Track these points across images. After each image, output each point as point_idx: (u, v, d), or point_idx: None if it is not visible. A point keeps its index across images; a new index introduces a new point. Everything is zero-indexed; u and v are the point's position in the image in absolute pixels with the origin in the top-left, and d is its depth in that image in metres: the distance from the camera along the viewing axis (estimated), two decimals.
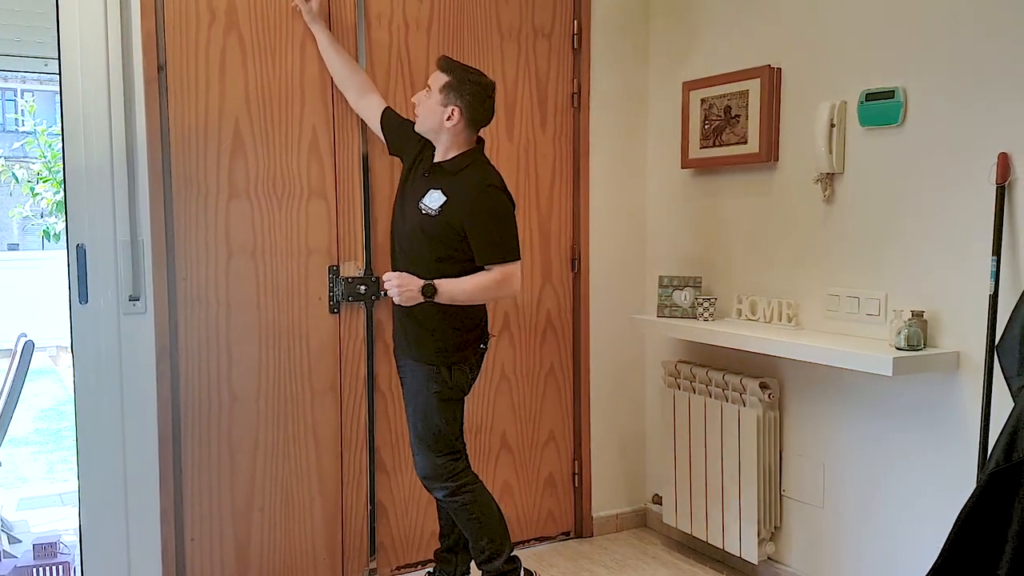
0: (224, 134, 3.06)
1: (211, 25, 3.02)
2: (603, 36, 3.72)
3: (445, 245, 2.82)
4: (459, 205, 2.80)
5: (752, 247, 3.34)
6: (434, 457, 2.93)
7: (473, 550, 3.02)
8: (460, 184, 2.83)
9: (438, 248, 2.83)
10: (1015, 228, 2.49)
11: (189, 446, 3.07)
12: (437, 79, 2.85)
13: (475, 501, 2.95)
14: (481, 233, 2.81)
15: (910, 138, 2.76)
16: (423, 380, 2.90)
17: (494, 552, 2.97)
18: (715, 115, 3.40)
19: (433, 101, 2.84)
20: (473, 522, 2.96)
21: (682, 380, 3.52)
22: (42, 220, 12.73)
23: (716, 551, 3.50)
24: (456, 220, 2.80)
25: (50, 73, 4.21)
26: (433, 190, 2.85)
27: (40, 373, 9.48)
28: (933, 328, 2.70)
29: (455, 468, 2.94)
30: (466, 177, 2.85)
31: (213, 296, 3.07)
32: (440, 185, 2.85)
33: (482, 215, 2.81)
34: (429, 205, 2.83)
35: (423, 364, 2.90)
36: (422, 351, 2.90)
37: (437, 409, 2.90)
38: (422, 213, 2.84)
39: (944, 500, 2.68)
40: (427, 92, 2.87)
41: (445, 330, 2.88)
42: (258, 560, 3.20)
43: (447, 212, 2.81)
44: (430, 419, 2.91)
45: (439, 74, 2.85)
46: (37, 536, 3.51)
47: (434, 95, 2.84)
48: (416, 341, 2.91)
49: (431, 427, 2.91)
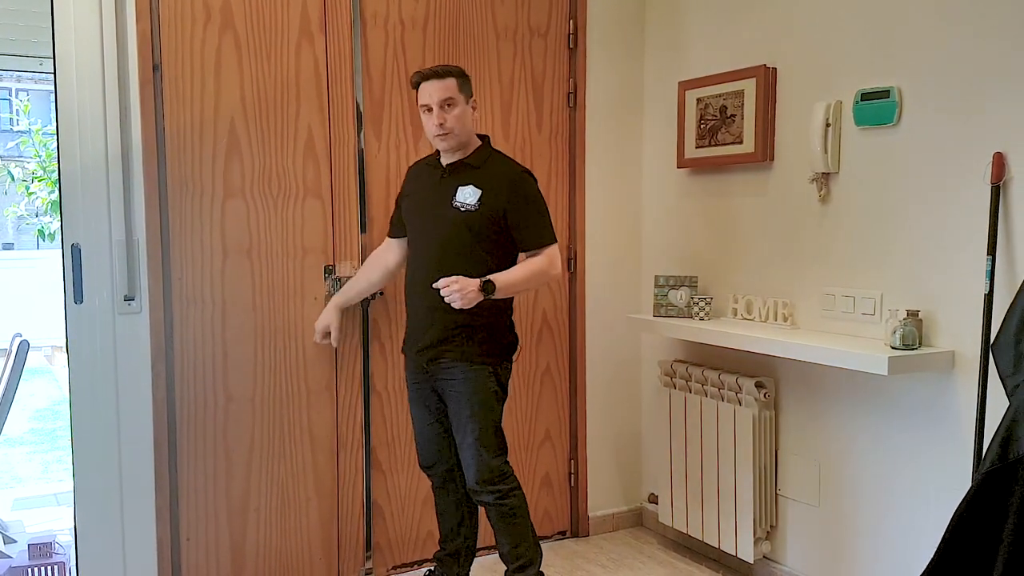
0: (219, 134, 3.06)
1: (206, 24, 3.01)
2: (599, 36, 3.72)
3: (490, 239, 2.81)
4: (496, 195, 2.81)
5: (748, 247, 3.35)
6: (491, 459, 2.87)
7: (508, 556, 2.95)
8: (489, 175, 2.84)
9: (485, 242, 2.81)
10: (1010, 227, 2.50)
11: (185, 446, 3.07)
12: (444, 89, 2.78)
13: (520, 505, 2.92)
14: (525, 219, 2.83)
15: (905, 138, 2.76)
16: (481, 381, 2.85)
17: (528, 561, 2.93)
18: (711, 115, 3.40)
19: (461, 110, 2.81)
20: (517, 527, 2.92)
21: (678, 379, 3.52)
22: (37, 219, 12.71)
23: (712, 550, 3.50)
24: (498, 209, 2.80)
25: (45, 72, 4.20)
26: (463, 187, 2.83)
27: (35, 373, 9.46)
28: (928, 327, 2.71)
29: (507, 470, 2.91)
30: (493, 168, 2.87)
31: (208, 296, 3.07)
32: (469, 180, 2.84)
33: (523, 201, 2.83)
34: (465, 201, 2.81)
35: (478, 365, 2.84)
36: (477, 351, 2.84)
37: (494, 409, 2.88)
38: (461, 211, 2.81)
39: (939, 499, 2.68)
40: (444, 108, 2.79)
41: (499, 327, 2.88)
42: (254, 560, 3.20)
43: (487, 203, 2.80)
44: (488, 420, 2.86)
45: (441, 83, 2.78)
46: (32, 536, 3.50)
47: (459, 104, 2.80)
48: (468, 342, 2.83)
49: (490, 427, 2.87)
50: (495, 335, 2.88)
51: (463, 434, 2.88)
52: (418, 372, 2.97)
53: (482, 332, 2.84)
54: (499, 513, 2.91)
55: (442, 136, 2.82)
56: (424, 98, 2.82)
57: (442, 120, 2.79)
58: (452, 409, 2.90)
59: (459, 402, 2.87)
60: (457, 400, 2.87)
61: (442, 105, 2.79)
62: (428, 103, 2.81)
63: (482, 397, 2.85)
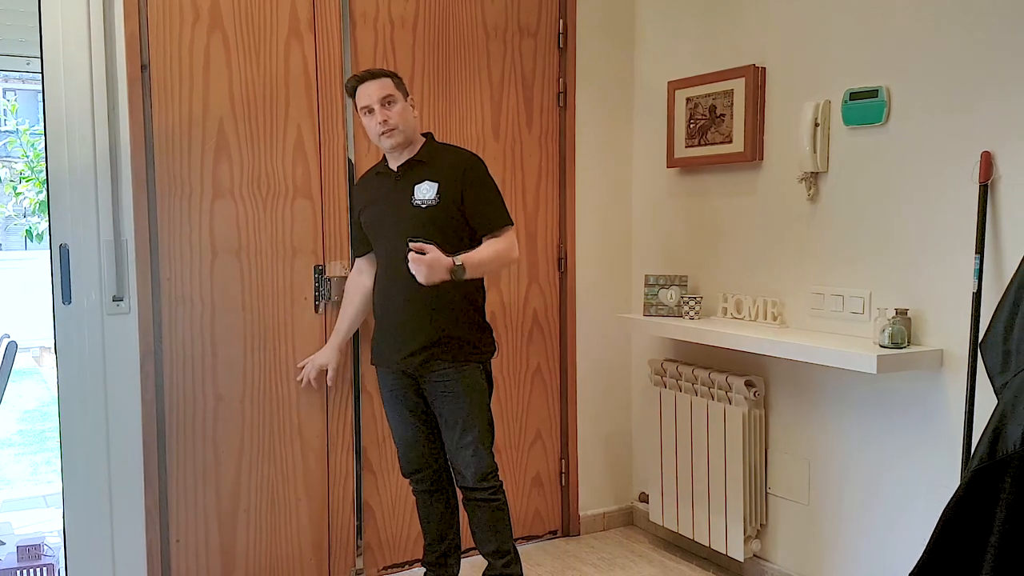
0: (208, 133, 3.05)
1: (195, 24, 3.00)
2: (589, 35, 3.72)
3: (455, 230, 2.81)
4: (452, 184, 2.81)
5: (737, 246, 3.35)
6: (487, 455, 2.90)
7: (496, 553, 2.94)
8: (441, 167, 2.84)
9: (451, 234, 2.79)
10: (998, 226, 2.51)
11: (174, 447, 3.05)
12: (382, 87, 2.79)
13: (506, 505, 2.96)
14: (482, 202, 2.83)
15: (894, 137, 2.77)
16: (475, 378, 2.87)
17: (515, 558, 2.98)
18: (700, 114, 3.41)
19: (402, 106, 2.82)
20: (505, 523, 2.95)
21: (668, 378, 3.52)
22: (24, 220, 12.65)
23: (702, 549, 3.51)
24: (456, 197, 2.80)
25: (32, 72, 4.18)
26: (419, 184, 2.83)
27: (23, 374, 9.41)
28: (917, 326, 2.72)
29: (496, 465, 2.94)
30: (443, 159, 2.87)
31: (198, 296, 3.06)
32: (424, 176, 2.83)
33: (478, 185, 2.84)
34: (425, 198, 2.81)
35: (468, 363, 2.86)
36: (465, 350, 2.85)
37: (487, 404, 2.91)
38: (423, 208, 2.81)
39: (929, 496, 2.70)
40: (385, 106, 2.79)
41: (477, 322, 2.90)
42: (244, 561, 3.19)
43: (445, 195, 2.80)
44: (484, 415, 2.89)
45: (378, 83, 2.79)
46: (21, 538, 3.48)
47: (399, 101, 2.81)
48: (455, 341, 2.84)
49: (487, 423, 2.90)
50: (478, 330, 2.91)
51: (462, 433, 2.86)
52: (399, 377, 2.93)
53: (466, 329, 2.87)
54: (491, 510, 2.92)
55: (387, 133, 2.80)
56: (364, 100, 2.82)
57: (385, 117, 2.79)
58: (448, 409, 2.87)
59: (456, 402, 2.85)
60: (454, 400, 2.85)
61: (383, 103, 2.79)
62: (368, 104, 2.80)
63: (477, 395, 2.88)
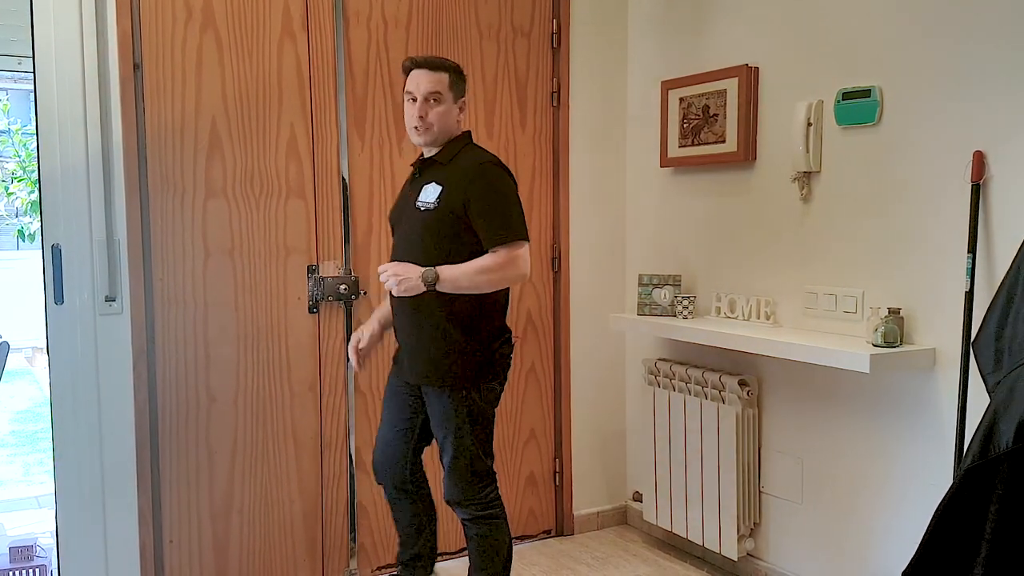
0: (201, 133, 3.04)
1: (187, 23, 2.99)
2: (582, 35, 3.73)
3: (450, 237, 2.59)
4: (457, 191, 2.59)
5: (731, 245, 3.36)
6: (460, 481, 2.69)
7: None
8: (453, 171, 2.64)
9: (443, 243, 2.59)
10: (990, 226, 2.52)
11: (167, 447, 3.05)
12: (433, 83, 2.62)
13: (491, 535, 2.73)
14: (484, 212, 2.57)
15: (886, 137, 2.78)
16: (453, 406, 2.64)
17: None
18: (694, 114, 3.41)
19: (445, 108, 2.64)
20: (483, 555, 2.74)
21: (662, 378, 3.53)
22: (16, 220, 12.59)
23: (696, 548, 3.51)
24: (457, 204, 2.58)
25: (24, 71, 4.17)
26: (427, 185, 2.66)
27: (15, 374, 9.37)
28: (910, 325, 2.72)
29: (485, 495, 2.72)
30: (459, 162, 2.66)
31: (190, 296, 3.05)
32: (434, 178, 2.66)
33: (482, 193, 2.59)
34: (426, 200, 2.63)
35: (450, 390, 2.63)
36: (447, 376, 2.63)
37: (470, 432, 2.66)
38: (421, 211, 2.63)
39: (922, 496, 2.70)
40: (428, 102, 2.62)
41: (471, 349, 2.62)
42: (237, 562, 3.18)
43: (446, 200, 2.60)
44: (462, 443, 2.66)
45: (431, 76, 2.62)
46: (13, 539, 3.47)
47: (445, 102, 2.63)
48: (438, 365, 2.63)
49: (464, 452, 2.67)
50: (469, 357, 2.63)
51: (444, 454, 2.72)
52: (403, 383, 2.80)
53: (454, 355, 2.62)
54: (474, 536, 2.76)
55: (419, 129, 2.65)
56: (411, 86, 2.65)
57: (423, 113, 2.62)
58: (435, 428, 2.73)
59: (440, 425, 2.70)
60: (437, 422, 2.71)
61: (427, 98, 2.62)
62: (414, 92, 2.64)
63: (454, 423, 2.66)
